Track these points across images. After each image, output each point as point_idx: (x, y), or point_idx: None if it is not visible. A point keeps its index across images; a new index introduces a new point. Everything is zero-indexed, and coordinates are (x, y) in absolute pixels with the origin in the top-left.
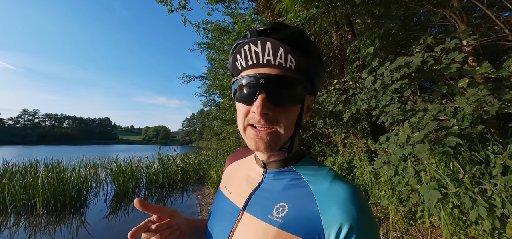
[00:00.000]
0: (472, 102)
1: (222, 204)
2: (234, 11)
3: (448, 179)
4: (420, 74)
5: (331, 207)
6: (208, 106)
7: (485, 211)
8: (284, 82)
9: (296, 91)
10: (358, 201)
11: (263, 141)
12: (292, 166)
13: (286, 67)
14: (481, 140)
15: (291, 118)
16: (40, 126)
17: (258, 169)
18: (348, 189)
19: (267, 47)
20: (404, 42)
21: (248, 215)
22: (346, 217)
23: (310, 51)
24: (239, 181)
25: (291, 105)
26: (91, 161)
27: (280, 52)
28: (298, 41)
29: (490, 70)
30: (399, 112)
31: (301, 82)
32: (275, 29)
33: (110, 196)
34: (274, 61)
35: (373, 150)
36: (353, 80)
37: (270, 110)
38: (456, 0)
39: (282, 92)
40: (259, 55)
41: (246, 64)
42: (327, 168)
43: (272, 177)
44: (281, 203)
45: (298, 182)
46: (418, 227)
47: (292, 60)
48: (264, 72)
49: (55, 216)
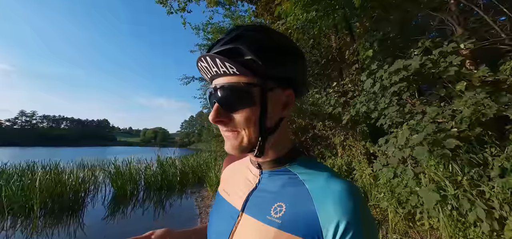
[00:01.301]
0: (471, 105)
1: (221, 206)
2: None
3: (447, 181)
4: (418, 77)
5: (328, 204)
6: (207, 108)
7: (484, 213)
8: (232, 87)
9: (245, 93)
10: (354, 197)
11: (229, 142)
12: (287, 165)
13: (230, 73)
14: (479, 142)
15: (248, 120)
16: (38, 127)
17: (255, 170)
18: (344, 186)
19: (209, 62)
20: (402, 46)
21: (247, 217)
22: (343, 214)
23: (258, 48)
24: (237, 183)
25: (243, 108)
26: (89, 163)
27: (218, 62)
28: (238, 43)
29: (488, 73)
30: (398, 115)
31: (251, 83)
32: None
33: (108, 198)
34: (219, 71)
35: (372, 152)
36: (352, 82)
37: (224, 116)
38: (454, 4)
39: (230, 97)
40: (208, 69)
41: (207, 77)
42: (323, 165)
43: (268, 177)
44: (279, 203)
45: (294, 181)
46: (417, 229)
47: (231, 66)
48: (215, 83)
49: (52, 219)
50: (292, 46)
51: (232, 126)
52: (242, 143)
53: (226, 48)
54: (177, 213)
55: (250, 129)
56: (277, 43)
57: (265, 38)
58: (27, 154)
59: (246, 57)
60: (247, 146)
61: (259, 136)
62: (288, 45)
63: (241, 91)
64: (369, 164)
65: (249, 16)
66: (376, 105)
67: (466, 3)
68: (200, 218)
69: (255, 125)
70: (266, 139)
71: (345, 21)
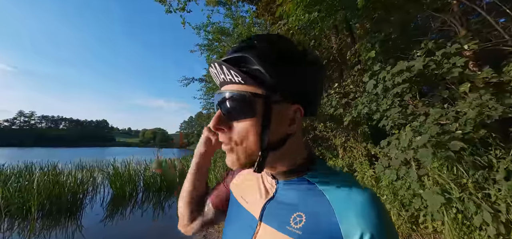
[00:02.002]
0: (475, 107)
1: (239, 214)
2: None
3: (452, 183)
4: (421, 78)
5: (350, 215)
6: (207, 109)
7: (490, 216)
8: (235, 96)
9: (248, 105)
10: (378, 208)
11: (228, 157)
12: (305, 174)
13: (236, 82)
14: (483, 144)
15: (247, 131)
16: (36, 128)
17: (270, 179)
18: (366, 196)
19: (217, 69)
20: (404, 47)
21: (266, 226)
22: (367, 225)
23: (263, 59)
24: (253, 191)
25: (244, 119)
26: (87, 164)
27: (225, 70)
28: (247, 51)
29: (491, 75)
30: (400, 117)
31: (255, 94)
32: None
33: (107, 199)
34: (226, 78)
35: (374, 153)
36: (353, 84)
37: (224, 125)
38: (456, 5)
39: (233, 107)
40: (217, 76)
41: (217, 82)
42: (342, 173)
43: (285, 186)
44: (298, 213)
45: (313, 191)
46: (420, 232)
47: (236, 74)
48: (220, 90)
49: (50, 220)
50: (306, 58)
51: (231, 136)
52: (240, 157)
53: (235, 57)
54: (177, 215)
55: (250, 142)
56: (287, 55)
57: (275, 49)
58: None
59: (253, 67)
60: (246, 161)
61: (259, 151)
62: (302, 57)
63: (243, 100)
64: (371, 166)
65: (250, 17)
66: (378, 107)
67: (468, 4)
68: None
69: (255, 139)
70: (267, 155)
71: (345, 22)
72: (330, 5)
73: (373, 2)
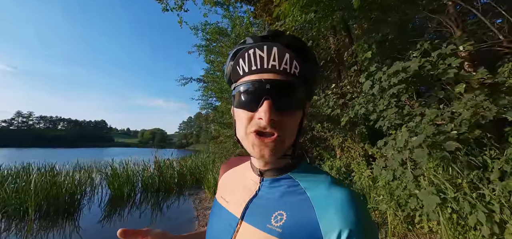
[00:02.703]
0: (470, 107)
1: (219, 214)
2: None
3: (447, 183)
4: (417, 79)
5: (329, 212)
6: (205, 109)
7: (484, 216)
8: (289, 88)
9: (299, 97)
10: (356, 205)
11: (268, 148)
12: (289, 172)
13: (290, 73)
14: (478, 144)
15: (294, 124)
16: (35, 128)
17: (255, 177)
18: (345, 194)
19: (273, 52)
20: (401, 48)
21: (247, 225)
22: (345, 222)
23: (310, 58)
24: (236, 190)
25: (294, 111)
26: (85, 165)
27: (286, 58)
28: (300, 47)
29: (486, 75)
30: (397, 117)
31: (303, 88)
32: (278, 35)
33: (105, 200)
34: (279, 66)
35: (371, 154)
36: (350, 84)
37: (276, 116)
38: (452, 7)
39: (286, 98)
40: (264, 61)
41: (249, 69)
42: (324, 173)
43: (269, 184)
44: (279, 212)
45: (295, 189)
46: (416, 232)
47: (296, 66)
48: (270, 78)
49: (47, 221)
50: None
51: (277, 128)
52: (283, 147)
53: (293, 47)
54: (175, 216)
55: (292, 133)
56: (316, 57)
57: (310, 49)
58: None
59: (306, 62)
60: (286, 151)
61: (295, 141)
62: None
63: (299, 93)
64: (368, 166)
65: (247, 17)
66: (375, 107)
67: (464, 6)
68: (197, 221)
69: (295, 130)
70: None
71: (343, 22)
72: (327, 6)
73: (370, 3)
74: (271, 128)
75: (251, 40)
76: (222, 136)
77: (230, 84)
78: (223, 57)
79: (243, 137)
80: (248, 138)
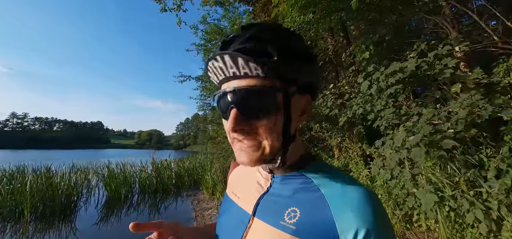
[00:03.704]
0: (466, 107)
1: (230, 209)
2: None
3: (445, 182)
4: (414, 79)
5: (346, 211)
6: (203, 110)
7: (482, 213)
8: (253, 92)
9: (270, 98)
10: (373, 204)
11: (246, 154)
12: (302, 170)
13: (253, 75)
14: (474, 143)
15: (272, 128)
16: (30, 129)
17: (265, 173)
18: (363, 192)
19: (227, 61)
20: (397, 48)
21: (259, 221)
22: (363, 221)
23: (283, 49)
24: (247, 186)
25: (268, 114)
26: (82, 166)
27: (240, 62)
28: (264, 42)
29: (482, 75)
30: (394, 117)
31: (276, 87)
32: (238, 36)
33: (102, 202)
34: (239, 72)
35: (368, 154)
36: (348, 84)
37: (245, 124)
38: (447, 8)
39: (253, 103)
40: (224, 70)
41: (218, 79)
42: (338, 170)
43: (281, 181)
44: (293, 208)
45: (308, 186)
46: (414, 230)
47: (256, 67)
48: (233, 86)
49: (43, 223)
50: (309, 48)
51: (252, 135)
52: (264, 154)
53: (248, 47)
54: (173, 217)
55: (274, 137)
56: (296, 44)
57: (286, 38)
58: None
59: (271, 58)
60: (268, 157)
61: (281, 145)
62: (306, 46)
63: (266, 96)
64: (366, 166)
65: (247, 18)
66: (373, 107)
67: (459, 7)
68: (196, 222)
69: (279, 133)
70: (288, 148)
71: (341, 23)
72: (325, 7)
73: (368, 4)
74: (244, 136)
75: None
76: (220, 137)
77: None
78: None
79: (231, 144)
80: (233, 145)
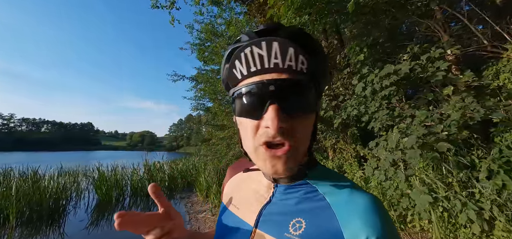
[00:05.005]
0: (458, 109)
1: (230, 221)
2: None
3: (438, 183)
4: (407, 81)
5: (354, 219)
6: (197, 111)
7: (474, 214)
8: (297, 87)
9: (310, 97)
10: (380, 212)
11: (281, 161)
12: (305, 178)
13: (297, 70)
14: (466, 145)
15: (307, 129)
16: (16, 131)
17: (267, 182)
18: (369, 200)
19: (274, 49)
20: (391, 51)
21: (262, 234)
22: (371, 229)
23: (317, 51)
24: (247, 196)
25: (307, 114)
26: (71, 169)
27: (290, 53)
28: (305, 39)
29: (472, 78)
30: (388, 118)
31: (313, 86)
32: (277, 27)
33: (92, 205)
34: (282, 64)
35: (362, 155)
36: (343, 86)
37: (285, 122)
38: (439, 12)
39: (296, 100)
40: (264, 59)
41: (248, 71)
42: (343, 177)
43: (284, 190)
44: (297, 219)
45: (313, 195)
46: (408, 231)
47: (303, 61)
48: (273, 78)
49: (30, 229)
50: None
51: (289, 136)
52: (297, 157)
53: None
54: None
55: (307, 139)
56: (320, 45)
57: (316, 40)
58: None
59: (314, 56)
60: (300, 160)
61: (308, 149)
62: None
63: (307, 93)
64: (360, 167)
65: (242, 20)
66: (367, 109)
67: (450, 11)
68: (190, 225)
69: (310, 135)
70: (312, 152)
71: (335, 25)
72: (321, 9)
73: (362, 7)
74: (282, 137)
75: (247, 37)
76: (214, 138)
77: (228, 89)
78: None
79: (251, 151)
80: (258, 151)
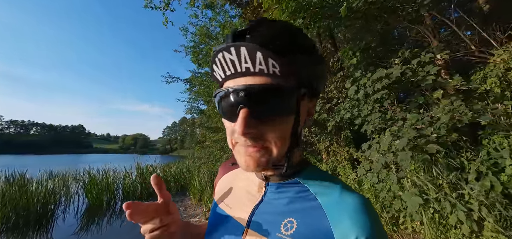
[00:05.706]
0: (448, 112)
1: (221, 221)
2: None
3: (429, 184)
4: (399, 85)
5: (343, 219)
6: (191, 113)
7: (464, 215)
8: (269, 92)
9: (285, 100)
10: (370, 212)
11: (253, 159)
12: (297, 177)
13: (269, 73)
14: (455, 147)
15: (282, 131)
16: (3, 133)
17: (258, 181)
18: (359, 200)
19: (243, 54)
20: (382, 55)
21: (254, 234)
22: (361, 230)
23: (299, 49)
24: (239, 195)
25: (281, 117)
26: (60, 172)
27: (259, 58)
28: (281, 39)
29: (461, 82)
30: (380, 121)
31: (291, 88)
32: (253, 28)
33: (82, 210)
34: (253, 68)
35: (355, 157)
36: (336, 90)
37: (255, 127)
38: (429, 18)
39: (267, 104)
40: (236, 64)
41: (224, 75)
42: (334, 177)
43: (275, 190)
44: (289, 219)
45: (305, 195)
46: (401, 232)
47: (274, 64)
48: (244, 83)
49: (16, 235)
50: (318, 50)
51: (261, 139)
52: (270, 159)
53: (265, 42)
54: None
55: (283, 141)
56: (312, 45)
57: (300, 36)
58: None
59: (288, 55)
60: (275, 162)
61: (288, 150)
62: (316, 49)
63: (283, 96)
64: (353, 169)
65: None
66: (360, 112)
67: (439, 18)
68: None
69: (287, 137)
70: (294, 153)
71: (329, 30)
72: (315, 13)
73: (355, 12)
74: (252, 140)
75: (226, 40)
76: (208, 140)
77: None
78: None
79: (231, 147)
80: (234, 148)
